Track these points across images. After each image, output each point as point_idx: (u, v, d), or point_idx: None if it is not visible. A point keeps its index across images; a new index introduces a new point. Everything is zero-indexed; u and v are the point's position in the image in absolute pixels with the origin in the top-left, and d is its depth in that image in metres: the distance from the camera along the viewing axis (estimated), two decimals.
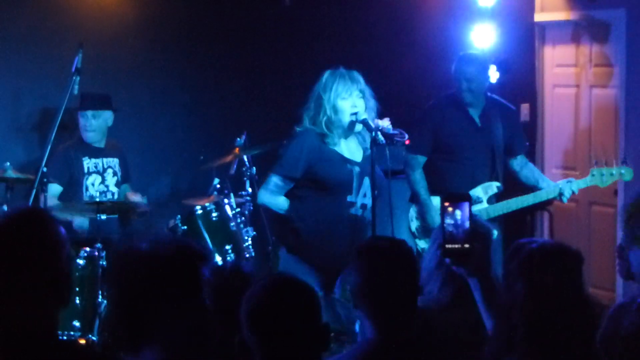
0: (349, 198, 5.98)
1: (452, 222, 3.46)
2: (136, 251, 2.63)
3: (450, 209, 3.47)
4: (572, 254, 3.24)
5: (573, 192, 6.99)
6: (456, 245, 3.46)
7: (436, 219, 6.91)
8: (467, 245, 3.44)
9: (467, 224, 3.45)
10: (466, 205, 3.47)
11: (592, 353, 3.12)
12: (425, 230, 6.96)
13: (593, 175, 7.03)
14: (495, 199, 7.04)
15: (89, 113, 7.35)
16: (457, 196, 3.55)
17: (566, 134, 8.99)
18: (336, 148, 6.00)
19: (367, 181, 5.99)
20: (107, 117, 7.43)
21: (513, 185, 7.27)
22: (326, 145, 5.96)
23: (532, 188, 7.17)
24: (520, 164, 7.24)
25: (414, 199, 7.07)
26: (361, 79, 6.01)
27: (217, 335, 2.70)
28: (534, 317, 3.08)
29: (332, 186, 5.96)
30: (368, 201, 5.98)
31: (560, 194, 6.99)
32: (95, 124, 7.37)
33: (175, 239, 2.71)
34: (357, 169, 6.01)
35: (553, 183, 7.10)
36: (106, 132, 7.47)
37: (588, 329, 3.13)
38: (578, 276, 3.20)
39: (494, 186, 7.02)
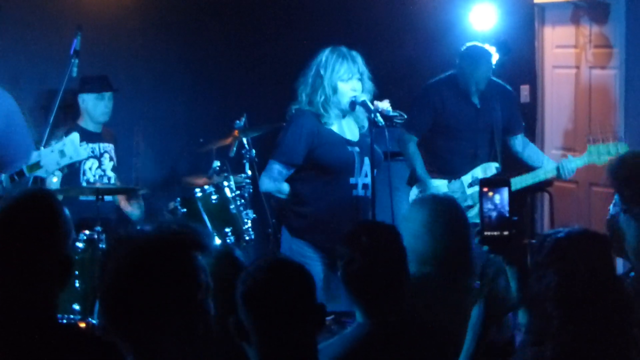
0: (352, 180, 5.94)
1: (491, 207, 3.34)
2: (131, 238, 2.60)
3: (489, 194, 3.34)
4: (599, 239, 3.18)
5: (572, 171, 6.99)
6: (495, 233, 3.33)
7: (440, 190, 6.90)
8: (506, 233, 3.32)
9: (506, 210, 3.33)
10: (505, 190, 3.34)
11: (629, 336, 3.06)
12: None
13: (590, 153, 7.02)
14: None
15: (107, 95, 7.40)
16: (496, 181, 3.43)
17: (566, 114, 8.99)
18: (333, 128, 5.94)
19: (367, 160, 5.94)
20: (111, 98, 7.48)
21: (512, 166, 7.27)
22: (323, 126, 5.90)
23: (534, 168, 7.18)
24: (521, 144, 7.25)
25: (413, 178, 7.07)
26: (361, 60, 5.94)
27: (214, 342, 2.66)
28: (568, 306, 3.02)
29: (335, 169, 5.89)
30: (369, 180, 5.95)
31: (559, 173, 6.99)
32: (110, 106, 7.42)
33: (172, 226, 2.64)
34: (357, 149, 5.96)
35: (554, 163, 7.09)
36: None
37: (623, 313, 3.06)
38: (608, 261, 3.14)
39: (493, 167, 7.03)
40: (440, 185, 6.97)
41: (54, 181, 7.24)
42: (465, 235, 4.47)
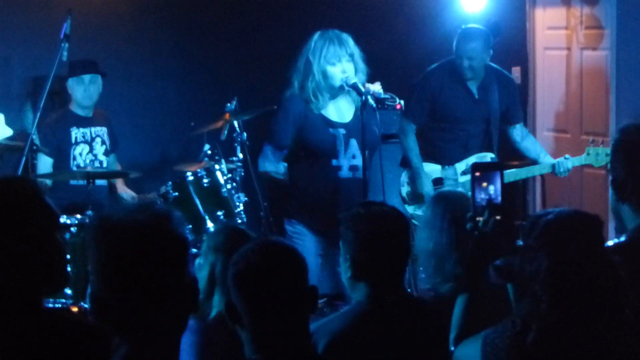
0: (334, 162, 5.95)
1: (482, 192, 3.31)
2: (112, 221, 2.61)
3: (481, 179, 3.31)
4: (590, 220, 3.11)
5: (567, 170, 7.02)
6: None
7: (426, 185, 6.91)
8: (498, 217, 3.29)
9: (499, 195, 3.30)
10: (497, 174, 3.31)
11: (620, 319, 3.02)
12: (415, 195, 6.95)
13: (589, 154, 7.08)
14: None
15: (86, 78, 7.34)
16: (488, 165, 3.40)
17: (557, 96, 8.98)
18: (322, 112, 5.96)
19: (354, 142, 5.95)
20: (99, 82, 7.43)
21: (508, 158, 7.28)
22: (311, 110, 5.93)
23: (531, 160, 7.19)
24: (520, 134, 7.23)
25: (406, 164, 7.06)
26: (350, 41, 5.94)
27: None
28: (557, 289, 2.98)
29: (316, 151, 5.93)
30: (359, 162, 5.96)
31: (555, 171, 7.01)
32: (92, 89, 7.36)
33: (151, 207, 2.67)
34: (341, 131, 5.96)
35: (551, 159, 7.10)
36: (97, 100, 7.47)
37: (614, 294, 3.01)
38: (599, 242, 3.09)
39: (488, 157, 7.01)
40: (433, 170, 6.97)
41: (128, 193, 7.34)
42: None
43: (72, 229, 6.35)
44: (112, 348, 2.61)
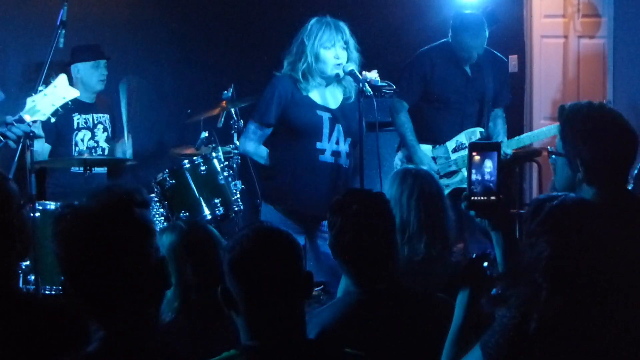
0: (318, 145, 5.94)
1: (479, 173, 3.31)
2: (73, 211, 2.64)
3: (478, 158, 3.31)
4: (594, 208, 3.12)
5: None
6: (482, 198, 3.31)
7: (424, 160, 6.90)
8: (493, 198, 3.30)
9: (495, 176, 3.30)
10: (495, 155, 3.31)
11: (622, 306, 2.99)
12: None
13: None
14: None
15: (102, 62, 7.37)
16: (486, 145, 3.39)
17: (554, 84, 8.99)
18: (310, 94, 5.95)
19: (339, 128, 5.94)
20: (105, 67, 7.45)
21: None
22: (299, 90, 5.93)
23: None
24: (493, 117, 7.20)
25: (402, 143, 7.06)
26: (347, 30, 5.94)
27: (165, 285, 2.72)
28: (558, 277, 2.95)
29: (300, 131, 5.91)
30: (342, 148, 5.95)
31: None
32: (105, 73, 7.39)
33: (109, 189, 2.69)
34: (327, 115, 5.96)
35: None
36: None
37: (616, 281, 2.99)
38: (602, 230, 3.05)
39: (477, 132, 7.00)
40: (425, 150, 6.96)
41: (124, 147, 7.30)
42: (438, 209, 4.51)
43: None
44: (89, 332, 2.64)
